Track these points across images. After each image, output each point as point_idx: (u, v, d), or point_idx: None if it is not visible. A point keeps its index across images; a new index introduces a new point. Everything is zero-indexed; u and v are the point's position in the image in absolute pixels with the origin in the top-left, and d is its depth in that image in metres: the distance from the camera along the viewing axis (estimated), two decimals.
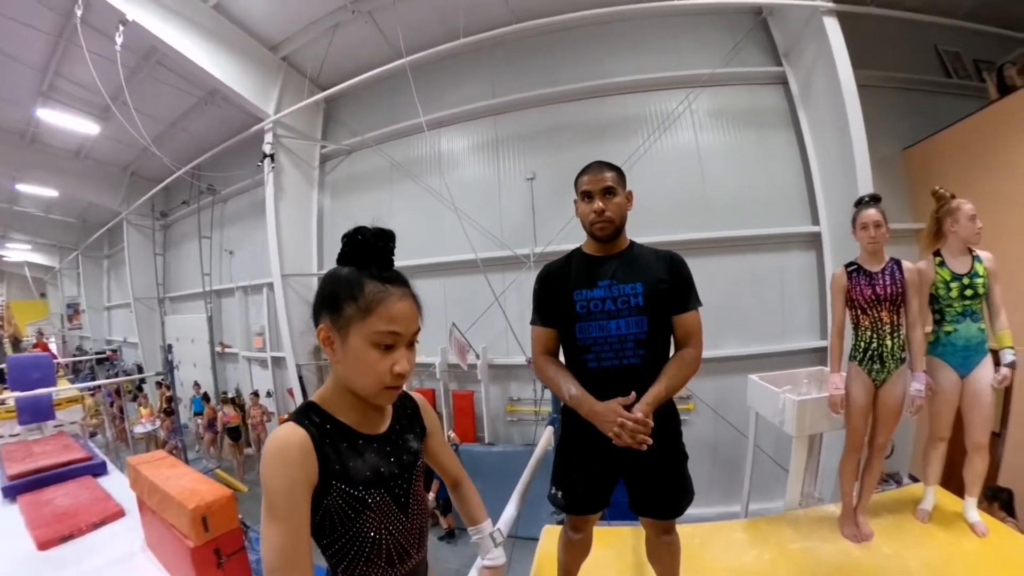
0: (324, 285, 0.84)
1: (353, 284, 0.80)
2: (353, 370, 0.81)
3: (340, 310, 0.79)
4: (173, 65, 6.07)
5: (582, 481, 1.50)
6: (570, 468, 1.52)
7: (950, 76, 5.46)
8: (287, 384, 6.91)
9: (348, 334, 0.79)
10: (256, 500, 4.19)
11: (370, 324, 0.78)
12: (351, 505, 0.80)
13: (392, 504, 0.87)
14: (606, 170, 1.42)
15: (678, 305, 1.41)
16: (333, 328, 0.81)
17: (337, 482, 0.79)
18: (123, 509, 3.67)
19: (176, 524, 2.73)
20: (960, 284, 2.09)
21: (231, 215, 8.40)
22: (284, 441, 0.76)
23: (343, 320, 0.79)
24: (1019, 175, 3.93)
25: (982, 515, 2.15)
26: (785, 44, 5.13)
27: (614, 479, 1.50)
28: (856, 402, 2.16)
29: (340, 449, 0.80)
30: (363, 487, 0.82)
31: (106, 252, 13.15)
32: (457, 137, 6.05)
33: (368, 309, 0.78)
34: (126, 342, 12.31)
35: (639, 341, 1.37)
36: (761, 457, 3.47)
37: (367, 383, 0.81)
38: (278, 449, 0.75)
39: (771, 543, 2.17)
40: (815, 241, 4.93)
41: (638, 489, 1.48)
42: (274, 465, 0.73)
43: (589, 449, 1.45)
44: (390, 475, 0.87)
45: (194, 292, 8.88)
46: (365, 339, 0.78)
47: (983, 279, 2.08)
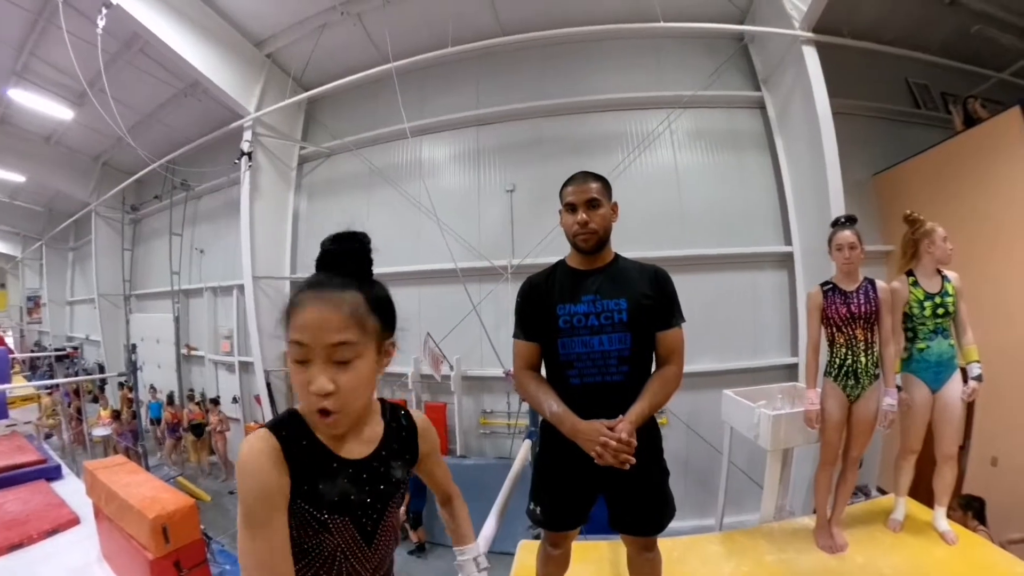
0: None
1: (291, 304, 0.76)
2: None
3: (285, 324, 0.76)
4: (155, 54, 5.88)
5: (561, 497, 1.47)
6: (549, 484, 1.49)
7: (919, 107, 5.76)
8: (254, 390, 6.65)
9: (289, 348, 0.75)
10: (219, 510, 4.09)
11: (288, 338, 0.74)
12: (310, 524, 0.76)
13: (355, 533, 0.81)
14: (591, 180, 1.40)
15: (661, 321, 1.39)
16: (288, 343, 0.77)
17: (301, 501, 0.75)
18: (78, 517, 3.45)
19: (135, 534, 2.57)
20: (933, 303, 2.17)
21: (204, 213, 8.12)
22: (255, 449, 0.73)
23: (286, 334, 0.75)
24: (981, 201, 4.14)
25: (951, 524, 2.22)
26: (765, 70, 5.32)
27: (594, 496, 1.48)
28: (831, 417, 2.21)
29: (311, 467, 0.76)
30: (327, 511, 0.77)
31: (72, 244, 12.58)
32: (439, 145, 6.03)
33: (287, 321, 0.75)
34: (88, 339, 11.72)
35: (622, 357, 1.35)
36: (733, 471, 3.51)
37: (302, 403, 0.76)
38: (249, 456, 0.72)
39: (748, 555, 2.20)
40: (787, 261, 5.07)
41: (619, 506, 1.46)
42: (247, 473, 0.70)
43: (569, 465, 1.41)
44: (359, 503, 0.81)
45: (162, 291, 8.52)
46: (290, 356, 0.75)
47: (952, 298, 2.17)
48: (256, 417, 6.90)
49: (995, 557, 2.05)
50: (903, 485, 2.36)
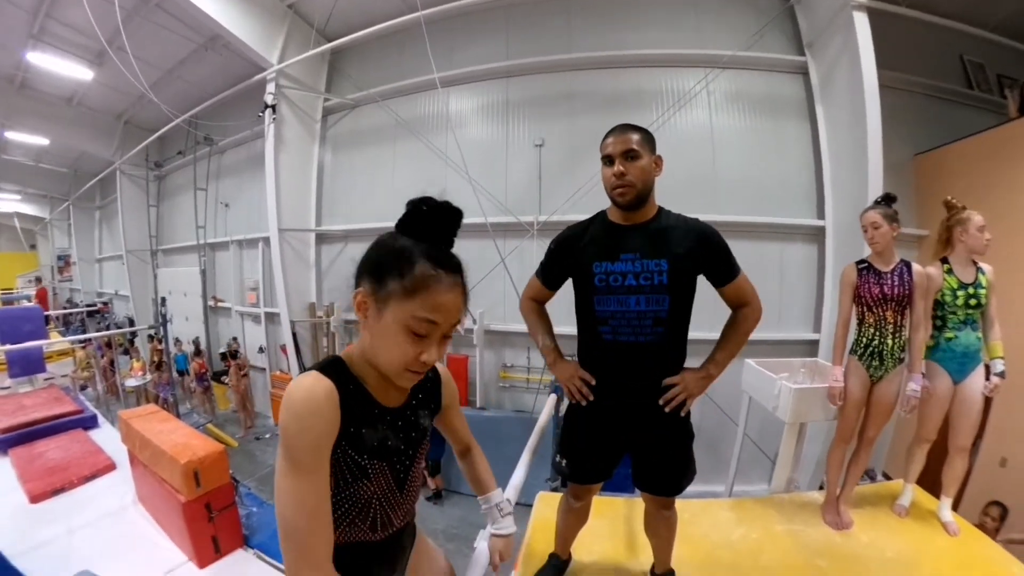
0: (373, 250, 0.79)
1: (404, 258, 0.74)
2: (380, 345, 0.77)
3: (383, 281, 0.75)
4: (173, 8, 5.75)
5: (588, 452, 1.50)
6: (577, 439, 1.52)
7: (972, 87, 5.35)
8: (280, 340, 6.88)
9: (384, 309, 0.75)
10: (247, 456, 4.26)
11: (409, 307, 0.73)
12: (351, 470, 0.78)
13: (391, 478, 0.86)
14: (630, 132, 1.33)
15: (722, 277, 1.38)
16: (371, 297, 0.76)
17: (345, 444, 0.76)
18: (114, 463, 3.69)
19: (168, 479, 2.74)
20: (966, 293, 2.13)
21: (228, 167, 8.17)
22: (312, 391, 0.72)
23: (383, 293, 0.75)
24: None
25: (955, 516, 2.23)
26: (810, 34, 4.98)
27: (620, 453, 1.51)
28: (852, 395, 2.21)
29: (357, 413, 0.78)
30: (368, 456, 0.80)
31: (98, 203, 12.84)
32: (466, 97, 5.87)
33: (412, 290, 0.73)
34: (117, 295, 12.15)
35: (658, 319, 1.33)
36: (744, 441, 3.56)
37: (390, 361, 0.77)
38: (306, 399, 0.70)
39: (757, 523, 2.24)
40: (819, 235, 4.92)
41: (643, 465, 1.49)
42: (301, 415, 0.69)
43: (598, 421, 1.45)
44: (395, 449, 0.85)
45: (188, 245, 8.71)
46: (400, 320, 0.74)
47: (985, 290, 2.13)
48: (282, 366, 7.17)
49: (993, 553, 2.08)
50: (913, 472, 2.36)
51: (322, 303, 6.63)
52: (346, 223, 6.44)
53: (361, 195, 6.36)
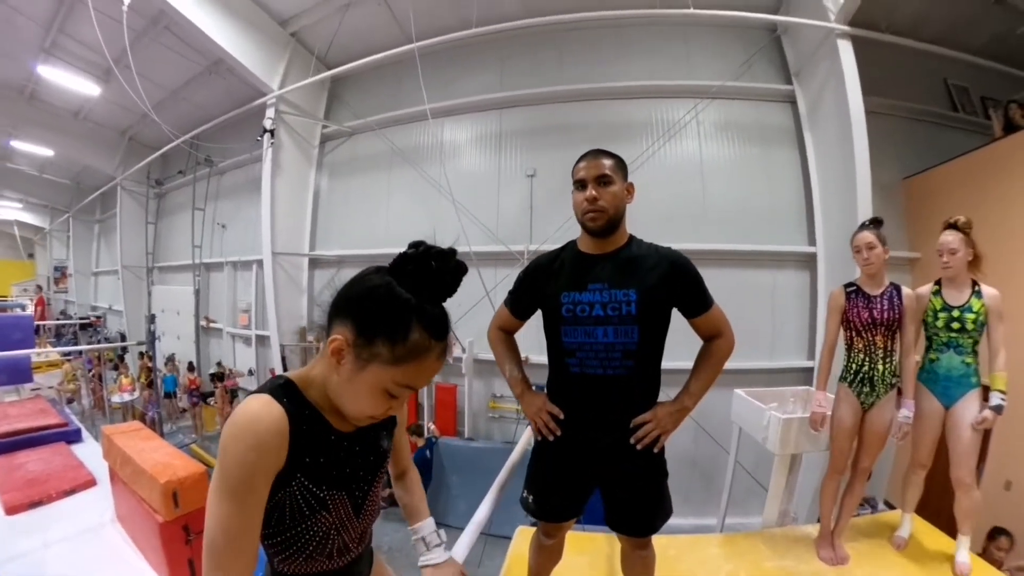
0: (364, 297, 0.72)
1: (399, 322, 0.69)
2: (347, 394, 0.73)
3: (371, 341, 0.69)
4: (180, 31, 5.94)
5: (556, 488, 1.45)
6: (545, 474, 1.47)
7: (956, 110, 5.49)
8: (270, 363, 6.82)
9: (364, 368, 0.70)
10: None
11: (392, 374, 0.70)
12: (308, 503, 0.74)
13: (349, 506, 0.82)
14: (603, 157, 1.31)
15: (693, 309, 1.34)
16: (352, 349, 0.71)
17: (301, 476, 0.72)
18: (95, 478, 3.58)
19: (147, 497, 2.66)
20: (948, 315, 2.09)
21: (226, 188, 8.27)
22: (257, 417, 0.67)
23: (367, 353, 0.70)
24: (1015, 214, 3.95)
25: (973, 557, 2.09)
26: (797, 63, 5.13)
27: (589, 489, 1.45)
28: (843, 423, 2.14)
29: (313, 442, 0.73)
30: (327, 487, 0.76)
31: (98, 216, 12.93)
32: (461, 127, 6.00)
33: (401, 359, 0.70)
34: (111, 309, 12.10)
35: (627, 351, 1.28)
36: (739, 472, 3.47)
37: (354, 411, 0.75)
38: (250, 424, 0.66)
39: (746, 560, 2.16)
40: (810, 261, 4.94)
41: (615, 503, 1.44)
42: (242, 441, 0.65)
43: (566, 456, 1.40)
44: (354, 477, 0.82)
45: (183, 264, 8.74)
46: (379, 384, 0.71)
47: (975, 315, 2.05)
48: None
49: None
50: (910, 500, 2.29)
51: (313, 327, 6.59)
52: (340, 249, 6.48)
53: (355, 222, 6.42)
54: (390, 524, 5.16)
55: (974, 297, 2.07)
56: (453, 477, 5.17)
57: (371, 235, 6.21)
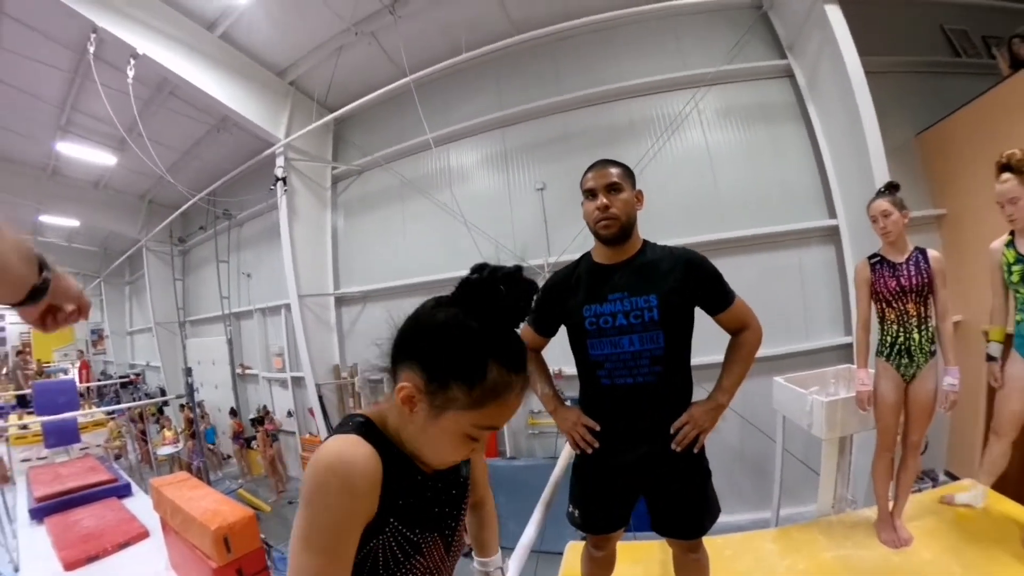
0: (434, 337, 0.65)
1: (475, 362, 0.64)
2: (426, 442, 0.69)
3: (445, 386, 0.64)
4: (185, 95, 6.26)
5: (599, 500, 1.46)
6: (587, 486, 1.47)
7: (959, 55, 5.29)
8: (308, 403, 6.97)
9: (441, 415, 0.65)
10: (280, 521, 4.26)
11: (473, 417, 0.65)
12: (403, 548, 0.69)
13: (442, 547, 0.76)
14: (610, 166, 1.34)
15: (716, 306, 1.35)
16: (425, 395, 0.65)
17: (395, 521, 0.67)
18: (147, 530, 3.73)
19: (199, 545, 2.76)
20: (1022, 267, 1.90)
21: (247, 238, 8.58)
22: (351, 461, 0.61)
23: (442, 398, 0.64)
24: None
25: None
26: (788, 36, 5.06)
27: (633, 498, 1.46)
28: (885, 399, 2.07)
29: (403, 484, 0.68)
30: (419, 530, 0.71)
31: (127, 278, 13.50)
32: (466, 151, 6.10)
33: (481, 403, 0.64)
34: (149, 366, 12.56)
35: (655, 357, 1.29)
36: (790, 460, 3.37)
37: (435, 458, 0.71)
38: (339, 467, 0.60)
39: (804, 552, 2.10)
40: (834, 235, 4.81)
41: (659, 508, 1.43)
42: (331, 486, 0.59)
43: (607, 467, 1.41)
44: (442, 515, 0.77)
45: (214, 315, 9.05)
46: (460, 430, 0.66)
47: None
48: (310, 429, 7.22)
49: None
50: (988, 471, 2.13)
51: (346, 364, 6.74)
52: (363, 284, 6.59)
53: (375, 256, 6.54)
54: None
55: None
56: (499, 498, 4.98)
57: (392, 267, 6.30)
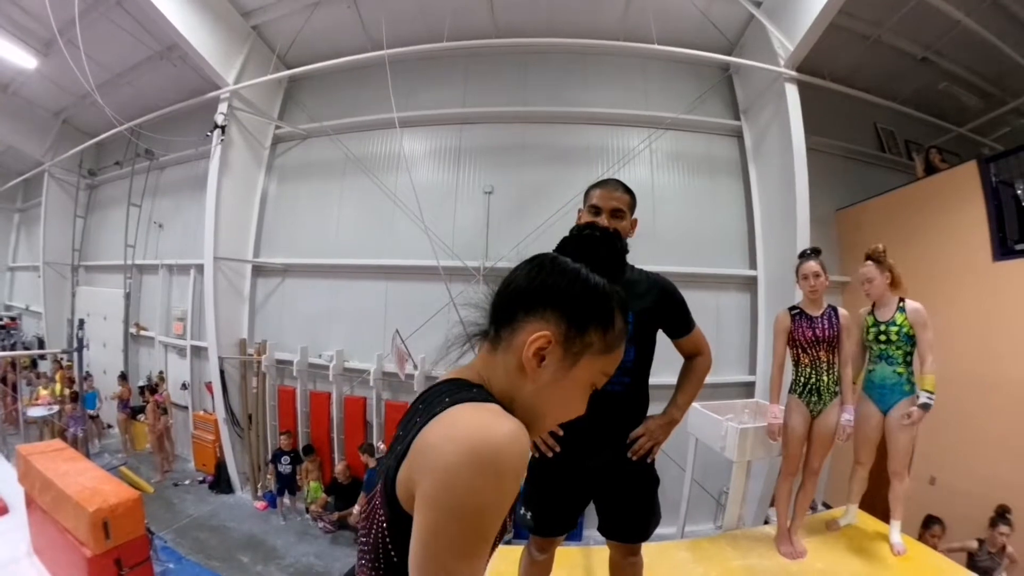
0: (572, 284, 0.63)
1: (610, 308, 0.65)
2: (557, 401, 0.65)
3: (584, 330, 0.62)
4: (134, 9, 5.49)
5: (555, 503, 1.50)
6: (543, 490, 1.51)
7: (884, 151, 6.18)
8: (206, 377, 6.32)
9: (577, 361, 0.63)
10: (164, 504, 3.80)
11: (605, 363, 0.66)
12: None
13: None
14: (621, 191, 1.41)
15: (678, 331, 1.47)
16: (561, 343, 0.62)
17: None
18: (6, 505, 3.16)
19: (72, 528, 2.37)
20: (877, 330, 2.38)
21: (167, 185, 7.68)
22: (522, 437, 0.53)
23: (581, 343, 0.63)
24: (935, 244, 4.47)
25: (904, 536, 2.39)
26: (746, 101, 5.53)
27: (584, 502, 1.53)
28: (794, 431, 2.37)
29: None
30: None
31: (19, 205, 11.61)
32: (420, 139, 5.94)
33: (611, 346, 0.65)
34: (28, 310, 10.86)
35: (624, 368, 1.34)
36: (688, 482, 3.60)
37: (558, 417, 0.67)
38: (517, 444, 0.51)
39: (715, 561, 2.31)
40: (751, 284, 5.27)
41: (609, 513, 1.51)
42: (507, 475, 0.50)
43: (565, 472, 1.46)
44: None
45: (114, 264, 7.97)
46: (591, 376, 0.65)
47: (899, 327, 2.33)
48: (205, 406, 6.56)
49: (941, 563, 2.28)
50: (855, 492, 2.56)
51: (254, 340, 6.19)
52: (286, 256, 6.16)
53: (303, 229, 6.15)
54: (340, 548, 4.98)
55: (898, 312, 2.35)
56: None
57: (320, 244, 5.98)
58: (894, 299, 2.38)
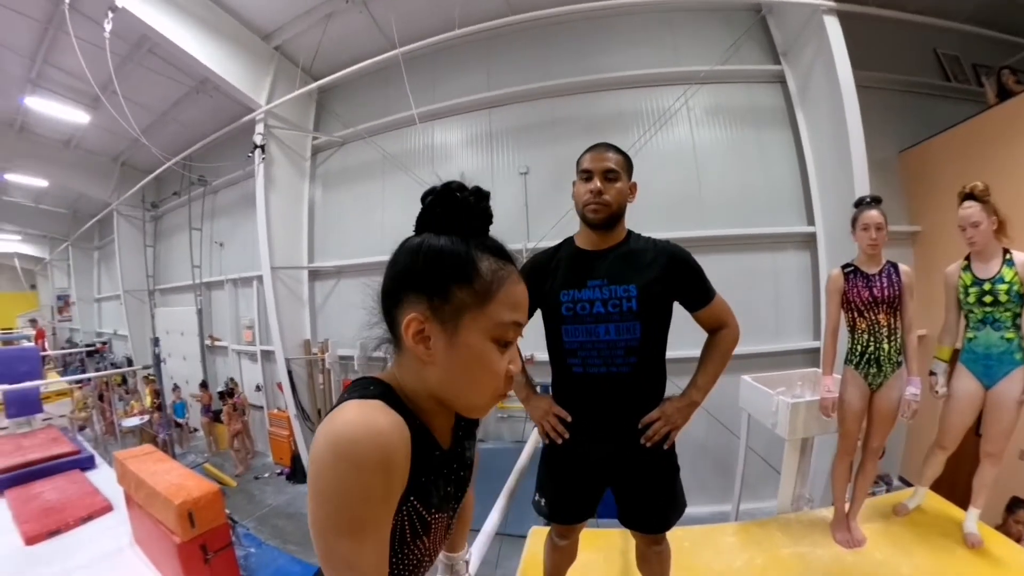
0: (414, 259, 0.62)
1: (463, 260, 0.61)
2: (461, 376, 0.62)
3: (446, 293, 0.60)
4: (164, 53, 5.94)
5: (567, 491, 1.45)
6: (555, 476, 1.46)
7: (949, 80, 5.44)
8: (277, 378, 6.83)
9: (457, 328, 0.60)
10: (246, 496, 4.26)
11: (492, 313, 0.61)
12: (414, 528, 0.62)
13: (444, 529, 0.71)
14: (612, 151, 1.31)
15: (696, 302, 1.34)
16: (433, 317, 0.60)
17: (414, 499, 0.60)
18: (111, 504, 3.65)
19: (163, 519, 2.71)
20: (980, 290, 2.00)
21: (222, 207, 8.29)
22: (378, 429, 0.53)
23: (451, 308, 0.60)
24: (1016, 179, 3.91)
25: (980, 525, 2.10)
26: (784, 43, 5.08)
27: (601, 489, 1.45)
28: (851, 406, 2.15)
29: (424, 458, 0.61)
30: (434, 509, 0.65)
31: (96, 243, 12.98)
32: (451, 129, 5.97)
33: (488, 293, 0.61)
34: (116, 335, 12.16)
35: (630, 348, 1.27)
36: (752, 457, 3.45)
37: (479, 391, 0.63)
38: (368, 438, 0.52)
39: (762, 547, 2.16)
40: (810, 242, 4.90)
41: (626, 501, 1.43)
42: (361, 459, 0.51)
43: (577, 458, 1.39)
44: (452, 496, 0.71)
45: (184, 284, 8.76)
46: (484, 333, 0.61)
47: (1009, 285, 1.94)
48: (279, 404, 7.09)
49: (1021, 558, 1.96)
50: (928, 476, 2.29)
51: (316, 340, 6.60)
52: (338, 259, 6.45)
53: (352, 231, 6.40)
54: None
55: (1005, 267, 1.96)
56: None
57: (368, 243, 6.16)
58: (999, 250, 1.99)
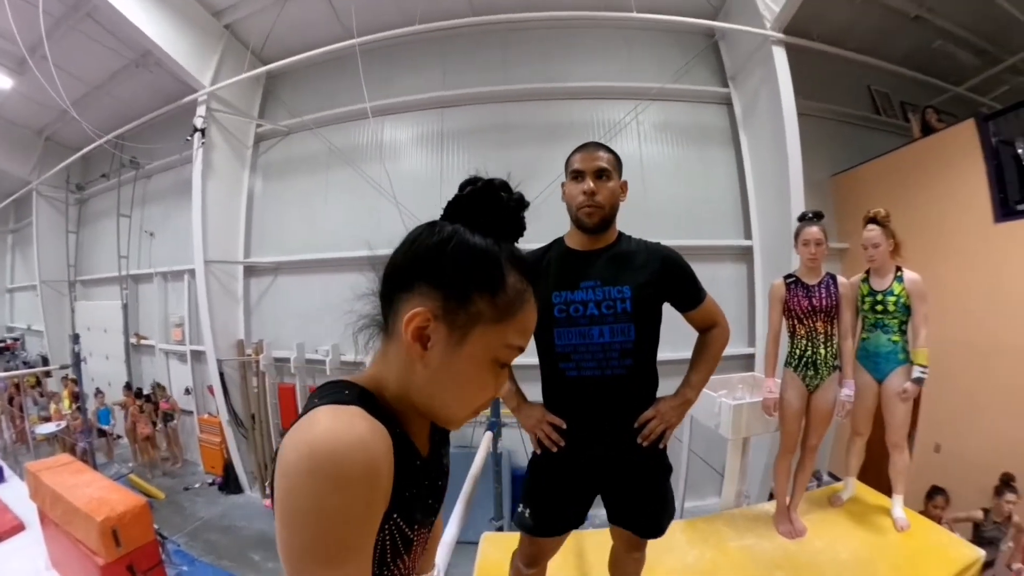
0: (441, 248, 0.54)
1: (494, 269, 0.55)
2: (452, 386, 0.57)
3: (466, 299, 0.54)
4: (104, 19, 5.39)
5: (557, 500, 1.38)
6: (545, 485, 1.40)
7: (879, 113, 6.03)
8: (207, 380, 6.35)
9: (467, 337, 0.54)
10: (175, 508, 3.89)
11: (504, 332, 0.56)
12: (395, 547, 0.56)
13: (424, 545, 0.65)
14: (603, 150, 1.29)
15: (688, 303, 1.36)
16: (442, 318, 0.54)
17: (397, 516, 0.54)
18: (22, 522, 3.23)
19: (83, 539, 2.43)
20: (873, 299, 2.32)
21: (154, 193, 7.62)
22: (368, 440, 0.47)
23: (465, 315, 0.54)
24: (934, 207, 4.37)
25: (905, 510, 2.35)
26: (733, 67, 5.39)
27: (591, 496, 1.41)
28: (791, 406, 2.28)
29: (406, 470, 0.54)
30: (417, 525, 0.59)
31: (11, 226, 11.61)
32: (402, 126, 5.84)
33: (507, 312, 0.55)
34: (30, 330, 10.92)
35: (625, 350, 1.27)
36: (692, 458, 3.53)
37: (462, 404, 0.58)
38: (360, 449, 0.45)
39: (711, 542, 2.26)
40: (747, 254, 5.19)
41: (619, 504, 1.41)
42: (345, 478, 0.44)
43: (570, 466, 1.35)
44: (432, 509, 0.65)
45: (109, 276, 7.96)
46: (491, 351, 0.56)
47: (897, 298, 2.26)
48: (210, 409, 6.59)
49: (943, 538, 2.21)
50: (853, 466, 2.55)
51: (251, 340, 6.18)
52: (276, 255, 6.11)
53: (292, 226, 6.09)
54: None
55: (895, 282, 2.28)
56: None
57: (309, 240, 5.91)
58: (892, 267, 2.30)
